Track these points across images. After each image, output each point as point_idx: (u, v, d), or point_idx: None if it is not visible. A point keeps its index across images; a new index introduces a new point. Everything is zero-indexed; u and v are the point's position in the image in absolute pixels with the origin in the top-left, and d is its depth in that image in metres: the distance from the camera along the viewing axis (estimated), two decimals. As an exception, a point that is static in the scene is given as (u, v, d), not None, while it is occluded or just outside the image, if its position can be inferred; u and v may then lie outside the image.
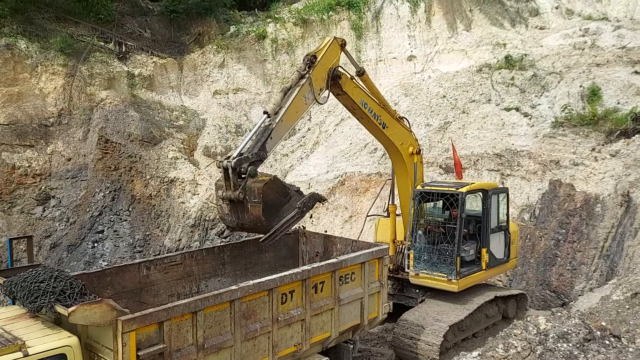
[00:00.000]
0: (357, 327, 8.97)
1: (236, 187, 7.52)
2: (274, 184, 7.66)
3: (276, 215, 7.59)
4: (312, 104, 8.92)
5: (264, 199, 7.42)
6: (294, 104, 8.45)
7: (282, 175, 20.21)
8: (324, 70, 8.99)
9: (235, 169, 7.51)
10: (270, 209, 7.53)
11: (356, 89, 9.80)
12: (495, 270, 11.62)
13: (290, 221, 7.76)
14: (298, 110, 8.63)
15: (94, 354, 6.05)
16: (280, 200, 7.70)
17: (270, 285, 7.36)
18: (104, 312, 5.62)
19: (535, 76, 19.37)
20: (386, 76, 22.39)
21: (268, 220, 7.49)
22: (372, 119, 10.18)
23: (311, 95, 8.73)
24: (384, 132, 10.48)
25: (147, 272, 8.38)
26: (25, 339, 5.52)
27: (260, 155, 7.82)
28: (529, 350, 4.97)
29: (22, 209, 18.49)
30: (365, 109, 9.98)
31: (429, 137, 18.54)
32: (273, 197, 7.58)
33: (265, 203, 7.42)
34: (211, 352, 6.66)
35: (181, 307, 6.33)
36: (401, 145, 10.87)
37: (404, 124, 10.99)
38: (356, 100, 9.81)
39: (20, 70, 19.68)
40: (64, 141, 19.62)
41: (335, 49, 9.28)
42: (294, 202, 7.80)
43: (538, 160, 16.53)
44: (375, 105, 10.21)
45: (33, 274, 6.16)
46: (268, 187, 7.50)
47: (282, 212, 7.67)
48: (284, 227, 7.71)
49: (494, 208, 11.27)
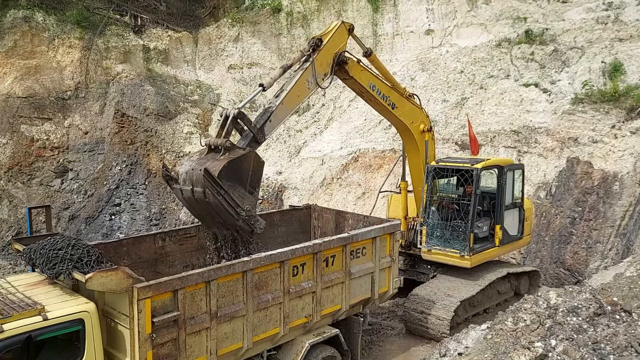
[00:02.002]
0: (367, 301, 9.07)
1: (226, 136, 7.32)
2: (257, 167, 7.42)
3: (229, 184, 7.08)
4: (314, 89, 8.65)
5: (238, 161, 7.11)
6: (296, 87, 8.19)
7: (295, 152, 20.21)
8: (329, 55, 8.74)
9: (235, 119, 7.39)
10: (231, 173, 7.09)
11: (364, 72, 9.56)
12: (508, 247, 11.58)
13: (226, 201, 7.07)
14: (300, 95, 8.36)
15: (111, 320, 6.21)
16: (245, 180, 7.28)
17: (281, 257, 7.45)
18: (120, 279, 5.76)
19: (556, 51, 18.90)
20: (403, 50, 22.03)
21: (219, 178, 6.94)
22: (381, 100, 9.98)
23: (314, 79, 8.48)
24: (393, 113, 10.31)
25: (163, 243, 8.54)
26: (45, 304, 5.68)
27: (258, 138, 7.65)
28: (537, 323, 4.98)
29: (41, 181, 18.84)
30: (373, 91, 9.76)
31: (445, 114, 18.32)
32: (244, 170, 7.25)
33: (234, 164, 7.06)
34: (224, 321, 6.81)
35: (195, 276, 6.45)
36: (412, 124, 10.72)
37: (414, 102, 10.83)
38: (364, 84, 9.58)
39: (37, 43, 19.82)
40: (81, 114, 19.82)
41: (343, 33, 9.07)
42: (248, 200, 7.32)
43: (556, 137, 16.26)
44: (384, 87, 9.99)
45: (51, 242, 6.32)
46: (250, 159, 7.31)
47: (234, 188, 7.16)
48: (219, 197, 7.00)
49: (509, 185, 11.17)
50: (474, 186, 10.48)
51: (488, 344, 5.19)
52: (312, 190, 18.23)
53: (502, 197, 10.94)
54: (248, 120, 7.58)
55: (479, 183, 10.48)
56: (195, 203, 7.38)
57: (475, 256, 10.49)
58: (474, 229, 10.46)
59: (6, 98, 19.05)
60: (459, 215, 10.64)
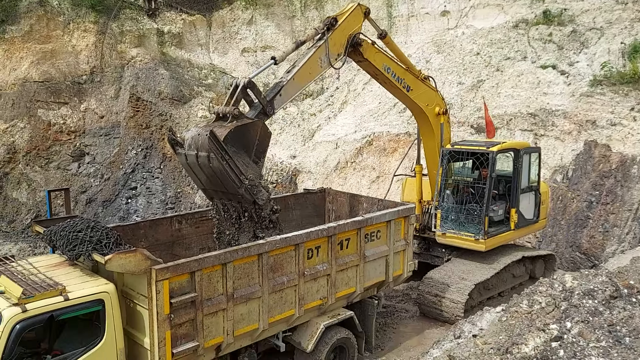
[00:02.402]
0: (382, 284, 9.11)
1: (235, 104, 7.24)
2: (264, 137, 7.31)
3: (234, 150, 6.96)
4: (327, 68, 8.57)
5: (245, 128, 7.03)
6: (309, 64, 8.13)
7: (309, 135, 20.19)
8: (344, 36, 8.66)
9: (245, 88, 7.31)
10: (237, 139, 6.97)
11: (378, 55, 9.43)
12: (524, 231, 11.52)
13: (230, 168, 6.90)
14: (312, 72, 8.30)
15: (130, 301, 6.34)
16: (251, 148, 7.17)
17: (296, 240, 7.51)
18: (139, 260, 5.86)
19: (575, 32, 18.53)
20: (418, 32, 21.76)
21: (225, 142, 6.82)
22: (396, 83, 9.88)
23: (327, 58, 8.37)
24: (408, 95, 10.21)
25: (179, 225, 8.64)
26: (66, 284, 5.81)
27: (267, 110, 7.53)
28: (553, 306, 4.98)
29: (59, 165, 19.11)
30: (388, 73, 9.64)
31: (461, 96, 18.12)
32: (251, 138, 7.14)
33: (241, 131, 6.97)
34: (240, 302, 6.90)
35: (212, 258, 6.54)
36: (427, 107, 10.61)
37: (429, 84, 10.71)
38: (379, 66, 9.46)
39: (53, 27, 19.94)
40: (97, 99, 19.98)
41: (358, 15, 8.99)
42: (252, 169, 7.20)
43: (573, 120, 16.02)
44: (399, 69, 9.88)
45: (71, 224, 6.43)
46: (257, 128, 7.21)
47: (239, 155, 7.04)
48: (222, 162, 6.83)
49: (525, 168, 11.08)
50: (490, 169, 10.41)
51: (503, 325, 5.21)
52: (326, 174, 18.24)
53: (518, 180, 10.86)
54: (258, 90, 7.48)
55: (494, 166, 10.40)
56: (199, 169, 7.25)
57: (490, 240, 10.46)
58: (489, 212, 10.41)
59: (23, 82, 19.27)
60: (474, 198, 10.59)
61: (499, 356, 4.62)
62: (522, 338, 4.71)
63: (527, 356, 4.47)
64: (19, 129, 18.86)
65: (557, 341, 4.53)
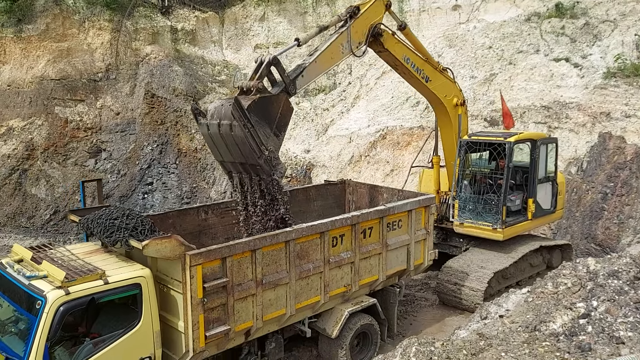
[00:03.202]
0: (403, 272, 9.28)
1: (259, 79, 7.37)
2: (286, 112, 7.42)
3: (257, 120, 7.04)
4: (348, 55, 8.74)
5: (268, 100, 7.18)
6: (331, 49, 8.30)
7: (322, 130, 20.35)
8: (365, 25, 8.82)
9: (270, 64, 7.45)
10: (260, 110, 7.09)
11: (398, 45, 9.61)
12: (541, 221, 11.63)
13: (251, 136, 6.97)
14: (333, 57, 8.45)
15: (164, 286, 6.54)
16: (273, 121, 7.24)
17: (322, 228, 7.69)
18: (174, 246, 6.06)
19: (587, 25, 18.55)
20: (429, 27, 21.84)
21: (248, 111, 6.93)
22: (415, 73, 10.02)
23: (348, 45, 8.55)
24: (427, 86, 10.37)
25: (205, 216, 8.84)
26: (104, 269, 6.02)
27: (289, 89, 7.64)
28: (579, 286, 5.11)
29: (76, 161, 19.40)
30: (407, 64, 9.79)
31: (474, 90, 18.21)
32: (273, 111, 7.24)
33: (264, 102, 7.12)
34: (269, 288, 7.10)
35: (242, 244, 6.73)
36: (445, 98, 10.75)
37: (447, 76, 10.86)
38: (398, 56, 9.61)
39: (68, 25, 20.22)
40: (112, 96, 20.24)
41: (380, 6, 9.15)
42: (273, 141, 7.25)
43: (587, 112, 16.08)
44: (418, 60, 10.04)
45: (107, 212, 6.65)
46: (280, 102, 7.34)
47: (261, 125, 7.09)
48: (244, 129, 6.91)
49: (542, 158, 11.18)
50: (507, 160, 10.52)
51: (529, 306, 5.35)
52: (340, 167, 18.41)
53: (535, 171, 10.97)
54: (282, 68, 7.59)
55: (511, 157, 10.51)
56: (220, 140, 7.34)
57: (508, 229, 10.58)
58: (506, 202, 10.53)
59: (40, 80, 19.57)
60: (492, 189, 10.71)
61: (527, 333, 4.77)
62: (549, 316, 4.86)
63: (556, 332, 4.62)
64: (36, 126, 19.17)
65: (585, 318, 4.67)
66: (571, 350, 4.23)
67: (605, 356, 4.13)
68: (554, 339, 4.43)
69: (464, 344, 4.63)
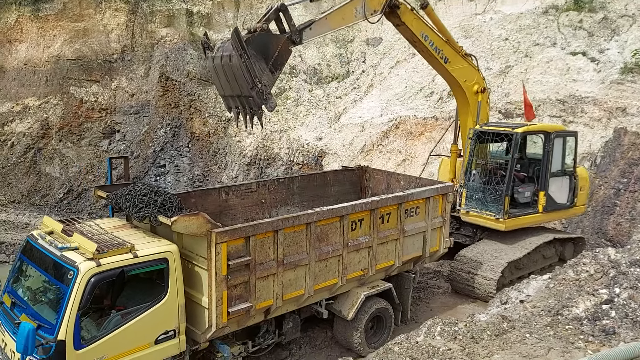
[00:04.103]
0: (418, 259, 9.38)
1: (266, 22, 7.85)
2: (284, 52, 7.83)
3: (254, 54, 7.44)
4: (361, 19, 8.93)
5: (268, 37, 7.64)
6: (344, 9, 8.61)
7: (335, 118, 20.36)
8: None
9: (278, 10, 7.94)
10: (259, 44, 7.51)
11: (416, 21, 9.70)
12: (555, 215, 11.65)
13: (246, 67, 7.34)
14: (345, 18, 8.72)
15: (189, 262, 6.66)
16: (270, 57, 7.64)
17: (342, 212, 7.78)
18: (201, 223, 6.18)
19: (606, 19, 18.43)
20: (445, 17, 21.67)
21: (247, 43, 7.34)
22: (433, 52, 10.09)
23: (362, 10, 8.71)
24: (445, 67, 10.44)
25: (226, 196, 8.96)
26: (133, 243, 6.14)
27: (294, 37, 8.06)
28: (601, 273, 5.19)
29: (90, 142, 19.54)
30: (425, 41, 9.90)
31: (489, 81, 18.04)
32: (272, 48, 7.64)
33: (264, 37, 7.58)
34: (289, 268, 7.22)
35: (265, 225, 6.84)
36: (465, 82, 10.79)
37: (470, 61, 10.86)
38: (416, 32, 9.73)
39: (85, 6, 20.25)
40: (127, 77, 20.32)
41: None
42: (267, 76, 7.63)
43: (603, 107, 16.04)
44: (438, 39, 10.09)
45: (135, 189, 6.76)
46: (280, 41, 7.77)
47: (257, 59, 7.48)
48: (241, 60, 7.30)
49: (556, 151, 11.17)
50: (512, 150, 10.57)
51: (551, 292, 5.44)
52: (352, 156, 18.47)
53: (547, 163, 10.95)
54: (289, 16, 7.98)
55: (517, 147, 10.55)
56: (222, 72, 7.80)
57: (511, 220, 10.59)
58: (509, 192, 10.53)
59: (56, 60, 19.66)
60: (502, 180, 10.75)
61: (549, 317, 4.86)
62: (572, 302, 4.95)
63: (578, 317, 4.71)
64: (52, 105, 19.30)
65: (608, 304, 4.76)
66: (595, 333, 4.33)
67: (629, 339, 4.22)
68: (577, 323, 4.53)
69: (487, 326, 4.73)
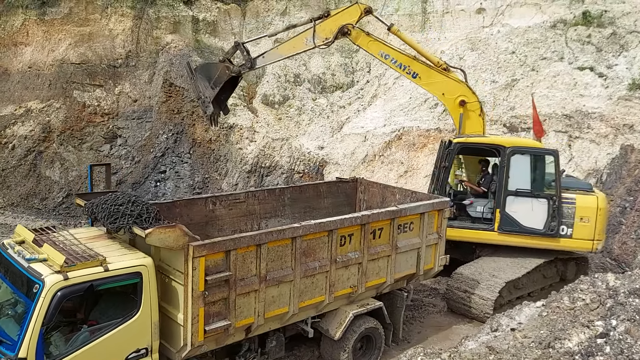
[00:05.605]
0: (412, 277, 9.05)
1: (226, 55, 11.15)
2: (222, 74, 10.77)
3: (201, 76, 10.87)
4: (311, 47, 10.89)
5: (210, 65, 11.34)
6: (294, 41, 10.94)
7: (337, 127, 20.12)
8: (335, 26, 10.55)
9: (237, 45, 11.00)
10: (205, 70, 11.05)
11: (373, 43, 10.94)
12: (523, 239, 10.54)
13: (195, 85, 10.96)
14: (295, 47, 10.99)
15: (165, 276, 6.40)
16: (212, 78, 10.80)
17: (330, 226, 7.49)
18: (177, 236, 5.92)
19: (614, 34, 18.09)
20: (452, 29, 21.48)
21: (195, 71, 11.04)
22: (397, 69, 11.07)
23: (312, 40, 10.69)
24: (415, 82, 11.14)
25: (213, 207, 8.70)
26: (106, 256, 5.88)
27: (249, 64, 10.90)
28: (598, 303, 4.85)
29: (91, 146, 19.44)
30: (386, 59, 10.98)
31: (494, 94, 17.85)
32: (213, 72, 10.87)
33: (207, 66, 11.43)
34: (272, 285, 6.93)
35: (247, 238, 6.57)
36: (443, 96, 11.16)
37: (451, 75, 11.02)
38: (373, 52, 11.05)
39: (91, 10, 20.24)
40: (131, 82, 20.23)
41: (355, 11, 10.66)
42: (209, 91, 10.81)
43: (610, 123, 15.66)
44: (402, 57, 10.95)
45: (112, 198, 6.52)
46: (219, 67, 10.92)
47: (203, 80, 10.85)
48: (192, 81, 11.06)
49: (518, 169, 10.43)
50: (445, 160, 10.75)
51: (544, 320, 5.10)
52: (354, 166, 18.19)
53: (502, 180, 10.46)
54: (246, 49, 10.82)
55: (450, 157, 10.67)
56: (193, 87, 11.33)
57: (455, 230, 10.36)
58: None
59: (61, 63, 19.63)
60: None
61: (540, 350, 4.53)
62: (565, 333, 4.61)
63: (571, 351, 4.38)
64: (54, 108, 19.24)
65: (603, 338, 4.42)
66: (586, 370, 3.99)
67: (622, 379, 3.88)
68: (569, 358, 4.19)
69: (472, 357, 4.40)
